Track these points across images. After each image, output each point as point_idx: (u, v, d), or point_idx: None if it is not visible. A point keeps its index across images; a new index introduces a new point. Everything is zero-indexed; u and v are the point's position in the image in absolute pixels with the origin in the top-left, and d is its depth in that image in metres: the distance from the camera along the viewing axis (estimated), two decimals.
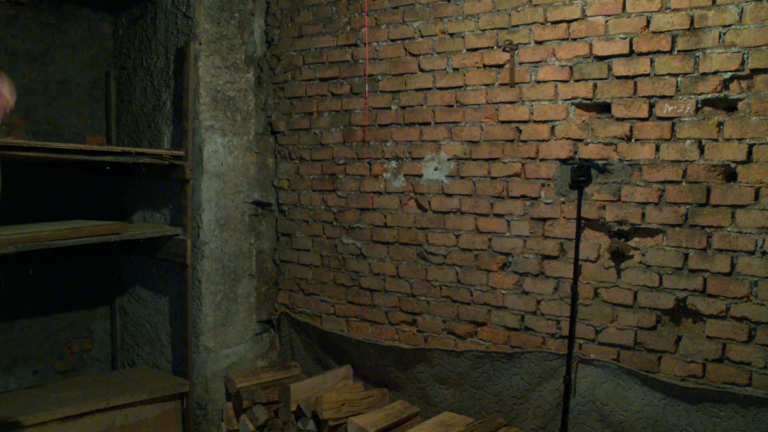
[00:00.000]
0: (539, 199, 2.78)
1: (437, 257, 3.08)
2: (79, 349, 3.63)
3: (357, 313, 3.38)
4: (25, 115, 3.33)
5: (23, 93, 3.32)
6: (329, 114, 3.44)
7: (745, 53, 2.30)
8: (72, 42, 3.53)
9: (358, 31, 3.28)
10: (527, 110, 2.79)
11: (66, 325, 3.55)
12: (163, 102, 3.46)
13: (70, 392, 3.06)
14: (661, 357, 2.52)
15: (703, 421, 2.39)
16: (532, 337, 2.82)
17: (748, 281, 2.34)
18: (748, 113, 2.31)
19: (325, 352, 3.46)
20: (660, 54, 2.47)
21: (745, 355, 2.35)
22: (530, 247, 2.81)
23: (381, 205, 3.25)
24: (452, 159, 3.01)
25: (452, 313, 3.04)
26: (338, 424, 2.92)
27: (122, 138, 3.69)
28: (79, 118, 3.59)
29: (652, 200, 2.51)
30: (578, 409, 2.66)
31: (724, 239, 2.38)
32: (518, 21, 2.78)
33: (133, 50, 3.62)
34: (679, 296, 2.47)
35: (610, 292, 2.63)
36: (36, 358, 3.42)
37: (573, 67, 2.66)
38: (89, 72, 3.63)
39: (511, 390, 2.84)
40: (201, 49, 3.30)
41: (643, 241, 2.55)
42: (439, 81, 3.03)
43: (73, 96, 3.56)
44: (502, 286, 2.90)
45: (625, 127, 2.56)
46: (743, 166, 2.33)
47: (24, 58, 3.32)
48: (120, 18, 3.69)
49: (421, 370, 3.09)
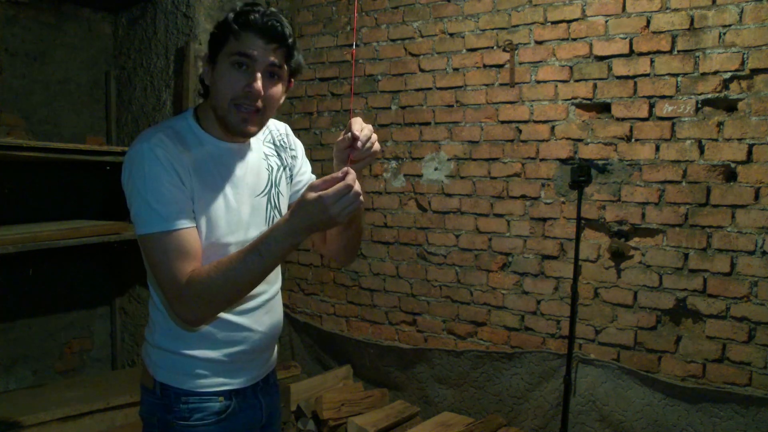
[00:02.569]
0: (539, 199, 2.78)
1: (437, 257, 3.08)
2: (79, 349, 3.63)
3: (357, 313, 3.38)
4: (25, 115, 3.33)
5: (23, 93, 3.32)
6: (329, 114, 3.44)
7: (745, 53, 2.30)
8: (72, 42, 3.52)
9: (359, 31, 3.28)
10: (527, 110, 2.79)
11: (66, 325, 3.55)
12: (163, 102, 3.46)
13: (70, 392, 3.06)
14: (661, 357, 2.52)
15: (703, 421, 2.39)
16: (532, 337, 2.82)
17: (748, 281, 2.34)
18: (748, 113, 2.31)
19: (325, 352, 3.46)
20: (660, 54, 2.47)
21: (745, 355, 2.35)
22: (530, 247, 2.81)
23: (381, 205, 3.25)
24: (452, 159, 3.01)
25: (452, 313, 3.04)
26: (338, 424, 2.92)
27: (122, 138, 3.69)
28: (79, 118, 3.59)
29: (652, 200, 2.51)
30: (578, 409, 2.66)
31: (724, 239, 2.38)
32: (518, 21, 2.78)
33: (133, 50, 3.62)
34: (679, 296, 2.47)
35: (610, 292, 2.63)
36: (36, 358, 3.42)
37: (573, 67, 2.66)
38: (89, 72, 3.63)
39: (511, 390, 2.84)
40: (201, 49, 3.29)
41: (643, 241, 2.55)
42: (439, 81, 3.03)
43: (73, 96, 3.56)
44: (502, 286, 2.90)
45: (625, 127, 2.56)
46: (743, 166, 2.33)
47: (24, 58, 3.31)
48: (120, 18, 3.69)
49: (421, 370, 3.09)
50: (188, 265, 1.18)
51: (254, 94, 1.22)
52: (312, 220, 1.11)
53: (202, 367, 1.32)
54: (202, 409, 1.32)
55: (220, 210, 1.28)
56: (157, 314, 1.35)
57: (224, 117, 1.25)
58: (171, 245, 1.18)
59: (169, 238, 1.18)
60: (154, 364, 1.35)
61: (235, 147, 1.33)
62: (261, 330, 1.37)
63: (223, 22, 1.23)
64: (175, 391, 1.32)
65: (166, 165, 1.19)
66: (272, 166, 1.41)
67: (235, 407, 1.36)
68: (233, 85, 1.22)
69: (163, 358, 1.34)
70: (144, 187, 1.18)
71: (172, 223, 1.18)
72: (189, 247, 1.19)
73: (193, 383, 1.32)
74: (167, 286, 1.19)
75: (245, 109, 1.23)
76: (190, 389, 1.31)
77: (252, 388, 1.40)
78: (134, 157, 1.21)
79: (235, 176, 1.32)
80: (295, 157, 1.47)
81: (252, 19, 1.20)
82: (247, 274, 1.16)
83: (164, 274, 1.19)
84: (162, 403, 1.33)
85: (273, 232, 1.15)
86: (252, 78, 1.22)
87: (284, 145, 1.46)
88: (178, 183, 1.20)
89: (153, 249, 1.19)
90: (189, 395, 1.31)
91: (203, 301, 1.18)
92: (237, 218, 1.31)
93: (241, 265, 1.16)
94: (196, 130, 1.30)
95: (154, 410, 1.35)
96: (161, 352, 1.34)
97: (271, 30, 1.21)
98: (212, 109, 1.28)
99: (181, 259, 1.18)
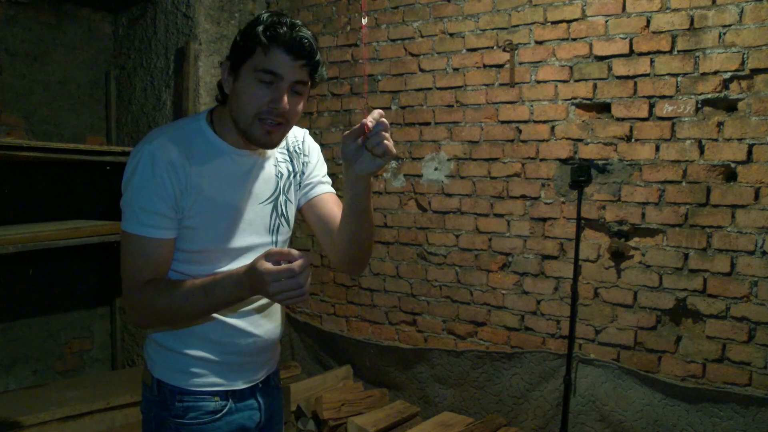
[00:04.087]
0: (539, 199, 2.78)
1: (437, 257, 3.08)
2: (79, 349, 3.63)
3: (357, 313, 3.38)
4: (25, 115, 3.33)
5: (23, 93, 3.32)
6: (329, 114, 3.44)
7: (745, 53, 2.30)
8: (72, 42, 3.52)
9: (358, 31, 3.28)
10: (527, 110, 2.79)
11: (66, 325, 3.55)
12: (163, 102, 3.46)
13: (70, 392, 3.05)
14: (661, 357, 2.52)
15: (703, 421, 2.39)
16: (532, 337, 2.82)
17: (748, 281, 2.34)
18: (748, 113, 2.31)
19: (325, 352, 3.46)
20: (660, 54, 2.47)
21: (745, 355, 2.35)
22: (530, 247, 2.81)
23: (381, 205, 3.25)
24: (452, 159, 3.01)
25: (452, 313, 3.04)
26: (338, 424, 2.92)
27: (122, 138, 3.69)
28: (79, 118, 3.59)
29: (652, 200, 2.51)
30: (578, 409, 2.66)
31: (724, 239, 2.38)
32: (518, 21, 2.78)
33: (133, 50, 3.62)
34: (679, 296, 2.47)
35: (610, 292, 2.63)
36: (36, 358, 3.42)
37: (573, 67, 2.66)
38: (89, 72, 3.63)
39: (511, 390, 2.84)
40: (201, 49, 3.30)
41: (643, 241, 2.55)
42: (439, 81, 3.03)
43: (73, 96, 3.56)
44: (502, 286, 2.90)
45: (625, 127, 2.56)
46: (743, 166, 2.33)
47: (24, 58, 3.31)
48: (120, 18, 3.69)
49: (421, 370, 3.09)
50: (150, 272, 1.24)
51: (280, 111, 1.22)
52: (254, 287, 1.14)
53: (198, 366, 1.33)
54: (197, 408, 1.33)
55: (220, 215, 1.29)
56: None
57: (247, 130, 1.24)
58: (141, 249, 1.23)
59: (141, 242, 1.23)
60: (151, 361, 1.37)
61: (245, 153, 1.32)
62: (258, 333, 1.37)
63: (250, 33, 1.21)
64: (170, 389, 1.33)
65: (158, 174, 1.21)
66: (282, 173, 1.40)
67: (231, 407, 1.36)
68: (258, 100, 1.21)
69: (161, 355, 1.35)
70: (133, 188, 1.23)
71: (147, 230, 1.23)
72: (156, 257, 1.24)
73: (188, 381, 1.33)
74: (126, 281, 1.25)
75: (269, 123, 1.23)
76: (185, 387, 1.33)
77: (250, 389, 1.40)
78: (137, 157, 1.24)
79: (239, 183, 1.32)
80: (308, 162, 1.45)
81: (281, 34, 1.19)
82: (188, 307, 1.21)
83: (127, 271, 1.25)
84: (158, 399, 1.34)
85: (224, 279, 1.19)
86: (278, 94, 1.21)
87: (298, 152, 1.44)
88: (165, 195, 1.22)
89: (125, 245, 1.26)
90: (184, 393, 1.33)
91: (146, 311, 1.25)
92: (236, 225, 1.31)
93: (187, 296, 1.21)
94: (208, 134, 1.30)
95: (150, 406, 1.36)
96: (159, 348, 1.35)
97: (300, 47, 1.20)
98: (232, 119, 1.27)
99: (145, 264, 1.23)
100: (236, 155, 1.31)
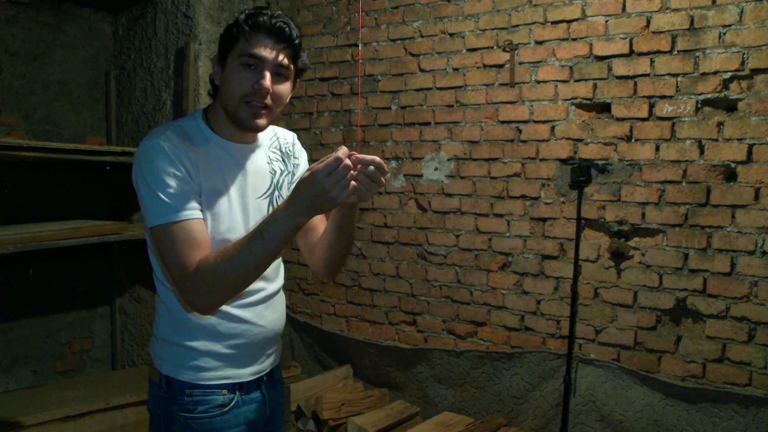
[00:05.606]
0: (539, 199, 2.78)
1: (437, 257, 3.08)
2: (79, 349, 3.63)
3: (357, 313, 3.38)
4: (25, 115, 3.33)
5: (23, 93, 3.32)
6: (329, 114, 3.44)
7: (745, 53, 2.30)
8: (72, 42, 3.52)
9: (358, 31, 3.28)
10: (527, 110, 2.79)
11: (66, 325, 3.55)
12: (163, 102, 3.46)
13: (70, 392, 3.05)
14: (661, 357, 2.52)
15: (703, 421, 2.39)
16: (532, 337, 2.82)
17: (748, 281, 2.34)
18: (748, 113, 2.31)
19: (325, 352, 3.46)
20: (660, 54, 2.47)
21: (745, 355, 2.35)
22: (530, 247, 2.81)
23: (381, 205, 3.25)
24: (452, 159, 3.01)
25: (452, 313, 3.04)
26: (338, 424, 2.92)
27: (122, 138, 3.69)
28: (79, 118, 3.59)
29: (652, 200, 2.51)
30: (578, 409, 2.66)
31: (724, 239, 2.38)
32: (518, 21, 2.78)
33: (133, 50, 3.62)
34: (679, 296, 2.47)
35: (610, 292, 2.63)
36: (36, 358, 3.42)
37: (573, 67, 2.66)
38: (89, 72, 3.63)
39: (511, 390, 2.84)
40: (201, 49, 3.30)
41: (643, 241, 2.55)
42: (439, 81, 3.03)
43: (73, 96, 3.56)
44: (502, 286, 2.90)
45: (625, 127, 2.56)
46: (743, 166, 2.33)
47: (24, 58, 3.31)
48: (120, 18, 3.69)
49: (421, 370, 3.09)
50: (196, 253, 1.21)
51: (263, 91, 1.27)
52: (309, 197, 1.12)
53: (206, 359, 1.34)
54: (206, 402, 1.34)
55: (223, 207, 1.32)
56: (162, 307, 1.39)
57: (234, 113, 1.30)
58: (179, 235, 1.21)
59: (178, 228, 1.21)
60: (159, 358, 1.38)
61: (242, 147, 1.38)
62: (262, 324, 1.40)
63: (233, 24, 1.29)
64: (179, 384, 1.34)
65: (174, 159, 1.23)
66: (276, 170, 1.45)
67: (239, 401, 1.38)
68: (243, 83, 1.27)
69: (168, 351, 1.37)
70: (153, 180, 1.22)
71: (180, 213, 1.22)
72: (197, 236, 1.23)
73: (196, 376, 1.34)
74: (177, 274, 1.22)
75: (255, 104, 1.28)
76: (193, 382, 1.34)
77: (256, 382, 1.43)
78: (143, 153, 1.25)
79: (239, 176, 1.36)
80: (298, 165, 1.52)
81: (261, 21, 1.26)
82: (251, 258, 1.18)
83: (173, 263, 1.22)
84: (167, 395, 1.36)
85: (274, 216, 1.17)
86: (261, 76, 1.27)
87: (290, 153, 1.51)
88: (186, 176, 1.24)
89: (162, 240, 1.23)
90: (193, 388, 1.34)
91: (212, 287, 1.20)
92: (238, 217, 1.35)
93: (245, 250, 1.18)
94: (205, 130, 1.35)
95: (159, 403, 1.38)
96: (165, 344, 1.37)
97: (279, 31, 1.27)
98: (222, 108, 1.32)
99: (190, 248, 1.21)
100: (231, 148, 1.36)
